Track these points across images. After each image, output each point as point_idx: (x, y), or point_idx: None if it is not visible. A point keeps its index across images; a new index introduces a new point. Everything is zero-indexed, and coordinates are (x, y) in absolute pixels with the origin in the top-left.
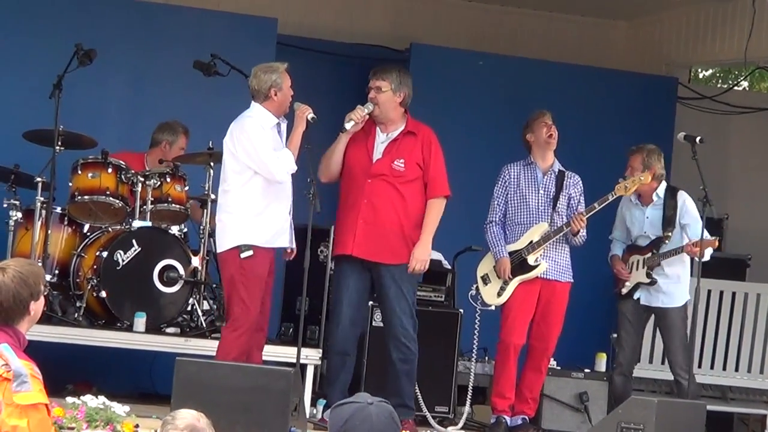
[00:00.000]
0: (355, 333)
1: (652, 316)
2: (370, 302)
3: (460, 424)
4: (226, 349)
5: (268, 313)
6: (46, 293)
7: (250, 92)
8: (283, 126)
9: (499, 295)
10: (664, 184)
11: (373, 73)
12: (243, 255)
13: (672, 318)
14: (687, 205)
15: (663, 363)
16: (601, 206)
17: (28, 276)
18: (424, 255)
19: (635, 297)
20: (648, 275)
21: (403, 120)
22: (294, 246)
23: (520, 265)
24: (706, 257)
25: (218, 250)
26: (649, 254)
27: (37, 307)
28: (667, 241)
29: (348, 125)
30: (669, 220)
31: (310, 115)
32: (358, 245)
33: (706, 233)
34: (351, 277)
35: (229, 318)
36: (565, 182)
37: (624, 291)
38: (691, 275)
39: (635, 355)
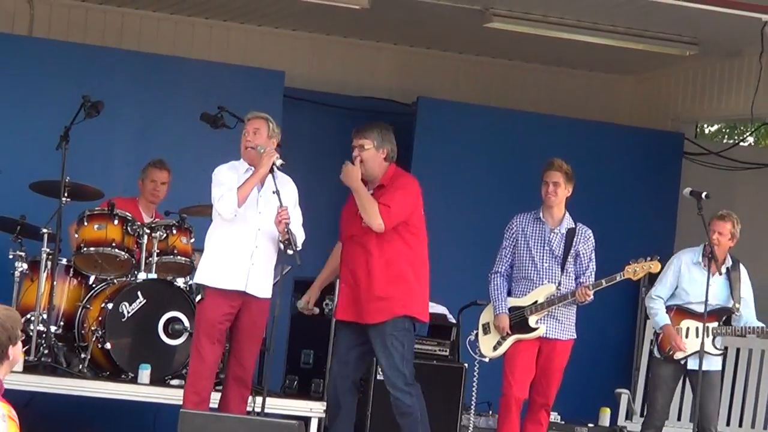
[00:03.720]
0: (344, 386)
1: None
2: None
3: None
4: (184, 396)
5: (250, 366)
6: (23, 338)
7: None
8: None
9: (494, 348)
10: None
11: (355, 132)
12: (197, 298)
13: (712, 379)
14: (748, 279)
15: (679, 420)
16: (608, 284)
17: (6, 321)
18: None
19: (683, 362)
20: (715, 347)
21: (385, 175)
22: (250, 291)
23: (520, 323)
24: None
25: None
26: (716, 324)
27: (15, 351)
28: (736, 313)
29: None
30: (736, 291)
31: (279, 161)
32: (342, 309)
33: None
34: (340, 333)
35: None
36: (575, 239)
37: (678, 357)
38: None
39: (667, 414)
